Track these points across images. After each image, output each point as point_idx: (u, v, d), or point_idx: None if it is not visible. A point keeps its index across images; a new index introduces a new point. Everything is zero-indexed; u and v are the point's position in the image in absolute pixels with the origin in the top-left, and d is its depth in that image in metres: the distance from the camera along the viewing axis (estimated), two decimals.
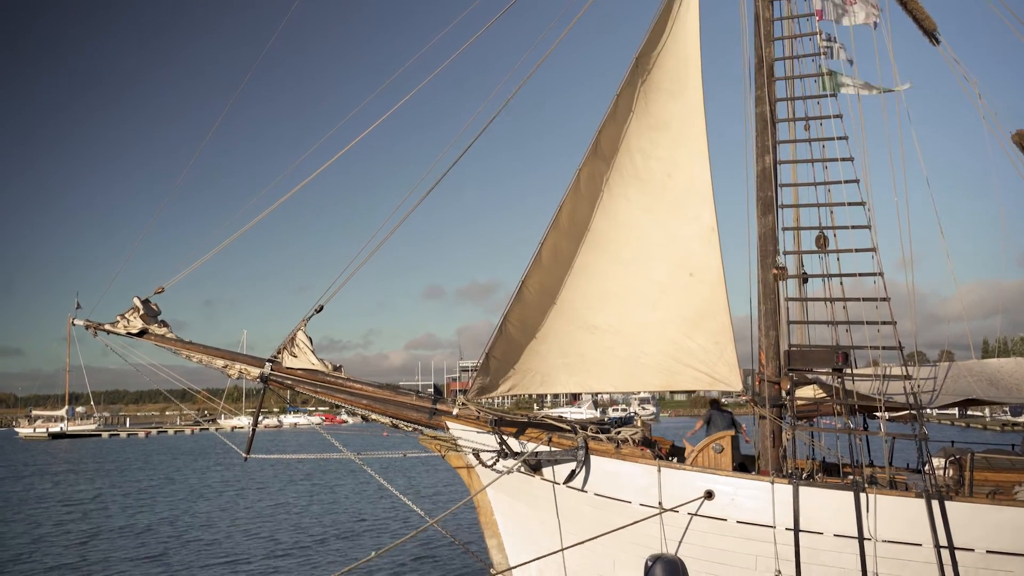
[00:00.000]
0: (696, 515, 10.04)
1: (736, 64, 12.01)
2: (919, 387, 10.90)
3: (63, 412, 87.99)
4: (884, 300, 10.35)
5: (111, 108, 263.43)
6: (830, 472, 11.58)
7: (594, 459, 10.65)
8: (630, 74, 11.54)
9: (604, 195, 11.68)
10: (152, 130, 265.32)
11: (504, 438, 10.82)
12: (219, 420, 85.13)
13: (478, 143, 11.52)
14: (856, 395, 10.58)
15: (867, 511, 9.31)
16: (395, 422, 11.59)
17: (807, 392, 12.74)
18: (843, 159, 10.89)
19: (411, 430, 11.69)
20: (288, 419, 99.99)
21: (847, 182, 10.83)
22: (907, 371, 10.21)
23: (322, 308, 11.59)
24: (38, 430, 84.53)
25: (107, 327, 11.75)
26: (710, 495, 9.99)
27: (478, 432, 11.12)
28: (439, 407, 11.40)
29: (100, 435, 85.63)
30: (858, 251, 10.70)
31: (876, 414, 10.84)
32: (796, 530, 9.51)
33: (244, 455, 11.63)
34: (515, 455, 10.83)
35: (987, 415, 72.51)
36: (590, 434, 10.90)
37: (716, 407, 12.26)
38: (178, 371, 12.44)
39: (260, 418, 12.22)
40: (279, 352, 11.66)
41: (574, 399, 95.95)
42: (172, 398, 13.35)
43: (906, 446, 10.46)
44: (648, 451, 10.78)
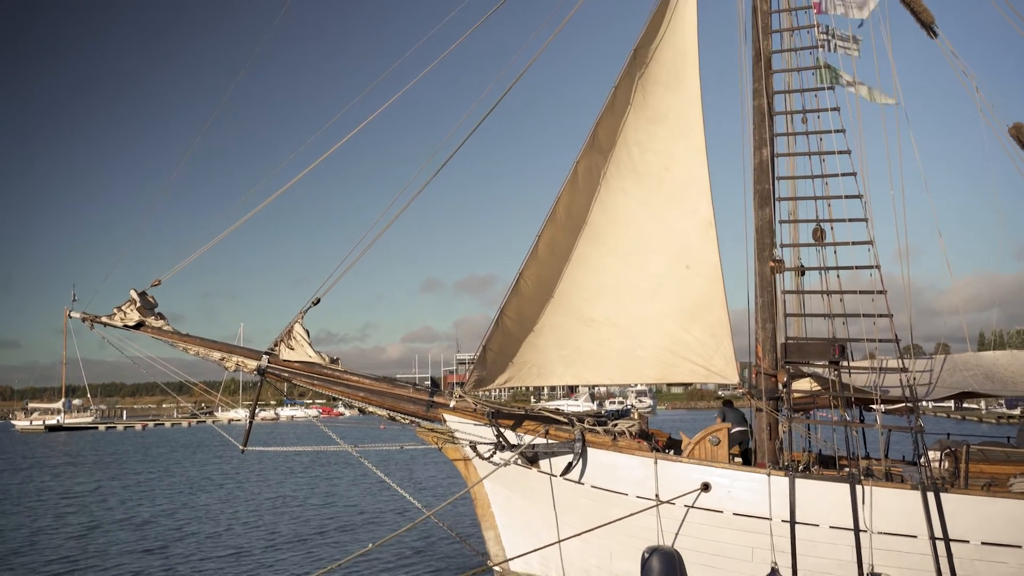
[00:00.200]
0: (692, 507, 10.07)
1: (733, 57, 11.99)
2: (915, 380, 10.91)
3: (60, 405, 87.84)
4: (881, 293, 10.36)
5: (110, 106, 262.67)
6: (826, 464, 11.61)
7: (591, 451, 10.67)
8: (628, 66, 11.51)
9: (601, 188, 11.67)
10: (150, 127, 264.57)
11: (501, 430, 10.83)
12: (216, 413, 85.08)
13: (475, 136, 11.55)
14: (852, 388, 10.61)
15: (863, 503, 9.34)
16: (392, 414, 11.61)
17: (803, 385, 12.76)
18: (840, 152, 10.89)
19: (408, 422, 11.72)
20: (285, 412, 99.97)
21: (844, 175, 10.85)
22: (903, 364, 10.24)
23: (319, 301, 11.60)
24: (35, 423, 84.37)
25: (104, 319, 11.74)
26: (706, 487, 10.02)
27: (475, 424, 11.14)
28: (436, 399, 11.42)
29: (97, 428, 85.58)
30: (855, 244, 10.71)
31: (872, 407, 10.87)
32: (792, 522, 9.54)
33: (241, 447, 11.66)
34: (512, 447, 10.85)
35: (983, 408, 72.71)
36: (587, 426, 10.93)
37: (729, 405, 12.17)
38: (175, 364, 12.48)
39: (257, 411, 12.22)
40: (276, 345, 11.67)
41: (571, 392, 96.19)
42: (169, 391, 13.39)
43: (902, 438, 10.48)
44: (645, 444, 10.81)
